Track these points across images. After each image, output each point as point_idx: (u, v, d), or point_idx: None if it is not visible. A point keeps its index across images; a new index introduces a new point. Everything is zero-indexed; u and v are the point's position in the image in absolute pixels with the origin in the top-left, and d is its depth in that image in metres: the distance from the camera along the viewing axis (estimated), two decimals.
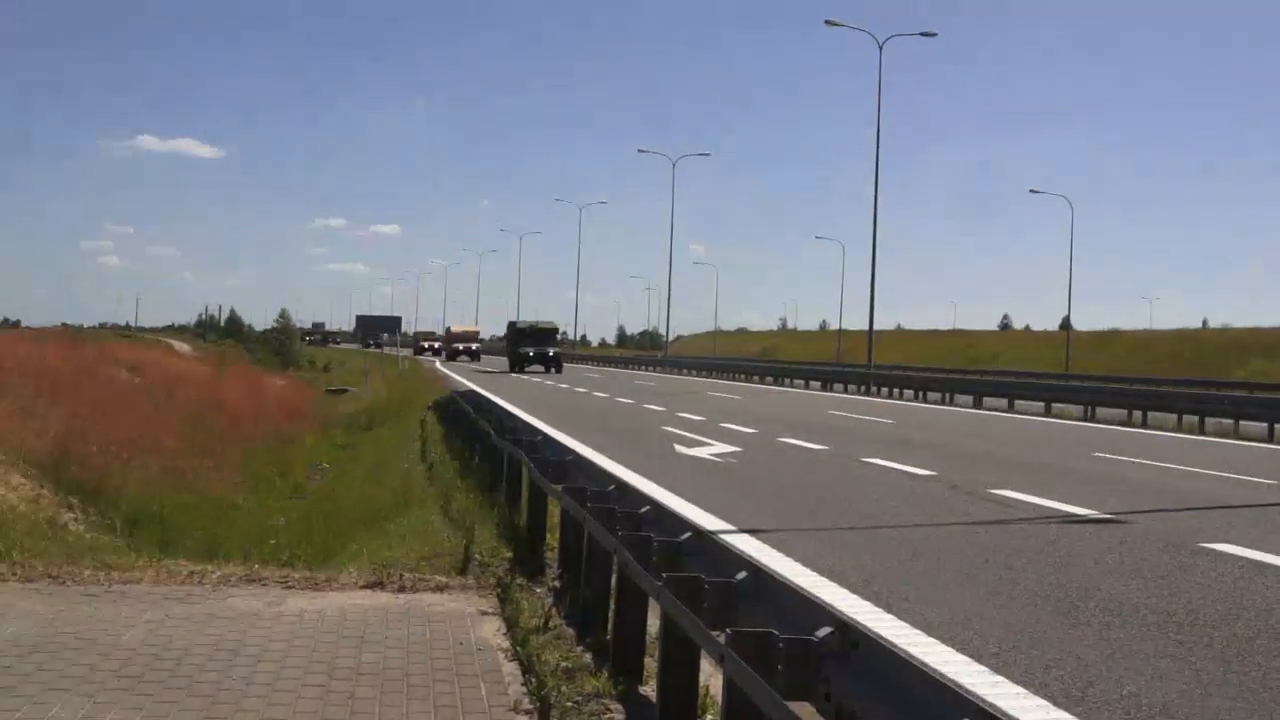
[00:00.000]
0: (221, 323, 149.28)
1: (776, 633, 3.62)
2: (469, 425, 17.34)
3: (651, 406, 28.45)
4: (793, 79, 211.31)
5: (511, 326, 60.62)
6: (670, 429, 20.72)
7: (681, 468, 14.51)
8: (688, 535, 5.50)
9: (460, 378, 46.01)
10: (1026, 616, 6.56)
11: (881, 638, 3.56)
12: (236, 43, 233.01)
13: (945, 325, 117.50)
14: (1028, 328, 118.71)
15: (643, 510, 6.39)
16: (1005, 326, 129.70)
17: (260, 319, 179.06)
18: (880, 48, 45.80)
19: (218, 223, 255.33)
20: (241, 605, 7.12)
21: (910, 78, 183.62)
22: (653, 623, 5.47)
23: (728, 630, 3.77)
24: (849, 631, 3.53)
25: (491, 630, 6.71)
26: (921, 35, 49.33)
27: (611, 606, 6.13)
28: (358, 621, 6.80)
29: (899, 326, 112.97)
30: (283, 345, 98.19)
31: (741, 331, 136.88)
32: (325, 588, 7.81)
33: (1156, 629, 6.34)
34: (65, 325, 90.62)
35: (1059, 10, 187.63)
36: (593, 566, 6.60)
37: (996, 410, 30.32)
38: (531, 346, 56.36)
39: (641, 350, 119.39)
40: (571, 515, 7.46)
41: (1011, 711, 4.60)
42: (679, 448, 17.06)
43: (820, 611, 3.80)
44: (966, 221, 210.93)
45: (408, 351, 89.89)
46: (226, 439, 26.21)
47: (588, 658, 6.01)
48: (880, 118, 45.62)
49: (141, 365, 37.67)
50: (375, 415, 34.69)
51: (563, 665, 5.81)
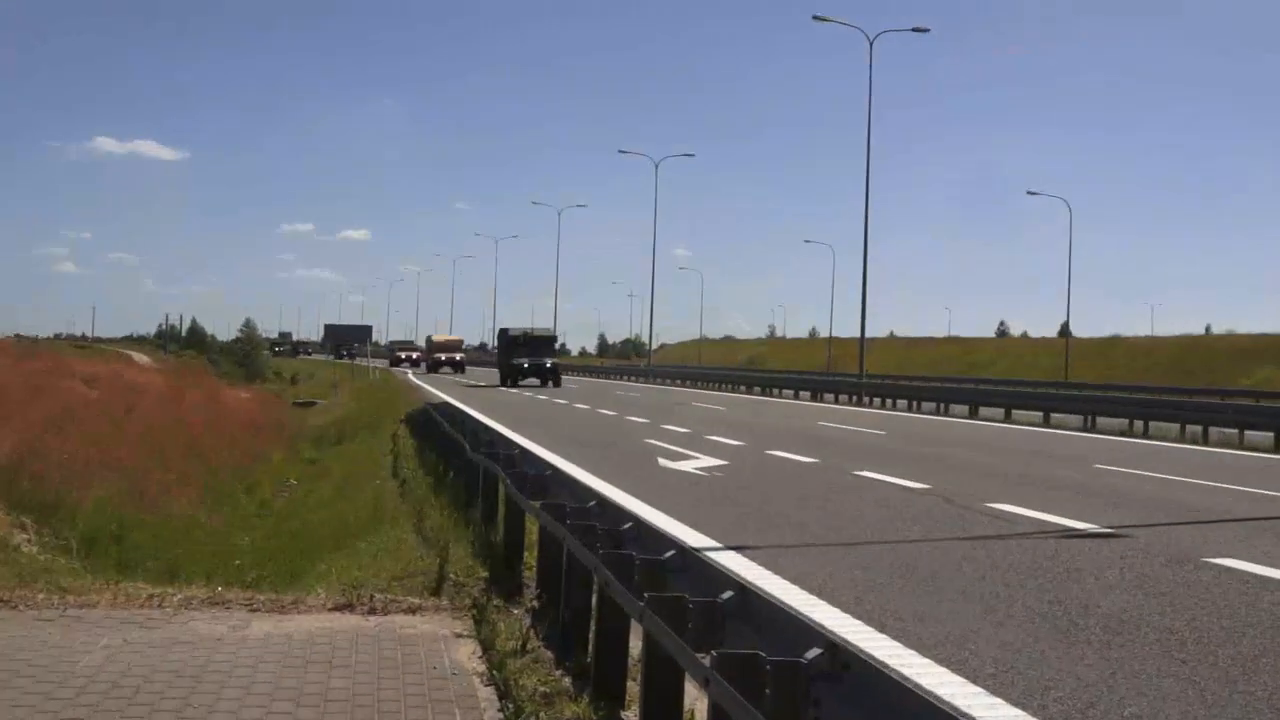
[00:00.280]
0: (183, 333, 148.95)
1: (764, 654, 3.62)
2: (443, 439, 17.30)
3: (634, 418, 28.44)
4: (781, 77, 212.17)
5: (503, 335, 56.32)
6: (654, 442, 20.72)
7: (665, 482, 14.50)
8: (671, 553, 5.50)
9: (439, 392, 45.85)
10: (1024, 635, 6.58)
11: (874, 659, 3.57)
12: (198, 39, 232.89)
13: (940, 332, 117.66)
14: (1025, 334, 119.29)
15: (624, 527, 6.38)
16: (1002, 333, 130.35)
17: (224, 329, 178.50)
18: (871, 43, 46.05)
19: (179, 228, 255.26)
20: (204, 629, 7.08)
21: (903, 75, 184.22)
22: (635, 644, 5.46)
23: (713, 652, 3.77)
24: (840, 652, 3.53)
25: (467, 653, 6.69)
26: (914, 30, 49.56)
27: (592, 628, 6.12)
28: (326, 645, 6.77)
29: (891, 334, 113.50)
30: (247, 356, 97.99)
31: (728, 339, 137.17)
32: (292, 610, 7.78)
33: (1159, 647, 6.36)
34: (18, 336, 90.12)
35: (1057, 6, 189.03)
36: (572, 586, 6.59)
37: (993, 421, 30.43)
38: (526, 357, 52.21)
39: (624, 360, 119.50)
40: (550, 533, 7.44)
41: None
42: (663, 461, 17.06)
43: (809, 632, 3.79)
44: (962, 224, 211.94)
45: (382, 363, 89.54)
46: (188, 455, 26.08)
47: (567, 681, 5.99)
48: (871, 117, 45.83)
49: (98, 378, 37.47)
50: (345, 429, 34.59)
51: (541, 689, 5.80)
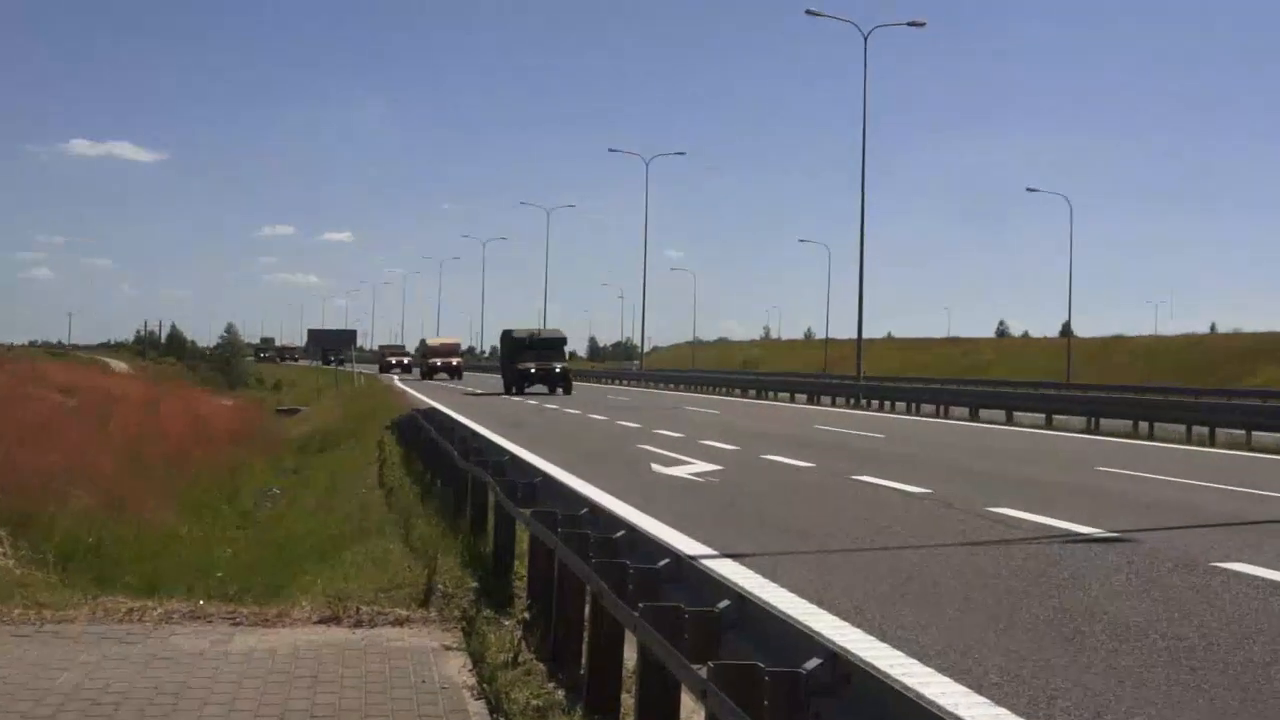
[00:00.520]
0: (162, 339, 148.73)
1: (762, 665, 3.61)
2: (430, 446, 17.28)
3: (626, 423, 28.43)
4: (774, 73, 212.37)
5: (506, 337, 51.83)
6: (646, 447, 20.71)
7: (659, 489, 14.50)
8: (666, 561, 5.49)
9: (427, 398, 45.77)
10: (1029, 643, 6.58)
11: (875, 669, 3.56)
12: (175, 37, 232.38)
13: (939, 333, 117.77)
14: (1026, 335, 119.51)
15: (618, 535, 6.38)
16: (1002, 333, 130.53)
17: (204, 335, 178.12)
18: (865, 38, 46.08)
19: (157, 232, 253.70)
20: (185, 644, 7.05)
21: (899, 71, 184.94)
22: (629, 656, 5.45)
23: (710, 664, 3.76)
24: (840, 663, 3.52)
25: (456, 666, 6.67)
26: (909, 25, 49.64)
27: (585, 639, 6.10)
28: (311, 659, 6.75)
29: (889, 335, 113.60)
30: (229, 363, 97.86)
31: (722, 342, 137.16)
32: (276, 623, 7.76)
33: (1168, 655, 6.36)
34: None
35: None
36: (564, 596, 6.58)
37: (994, 423, 30.47)
38: (533, 361, 48.17)
39: (615, 363, 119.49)
40: (541, 541, 7.43)
41: None
42: (656, 467, 17.05)
43: (809, 642, 3.79)
44: (960, 223, 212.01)
45: (370, 369, 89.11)
46: (168, 464, 26.02)
47: (560, 695, 5.98)
48: (867, 113, 45.88)
49: (75, 386, 37.39)
50: (329, 437, 34.53)
51: (533, 703, 5.78)
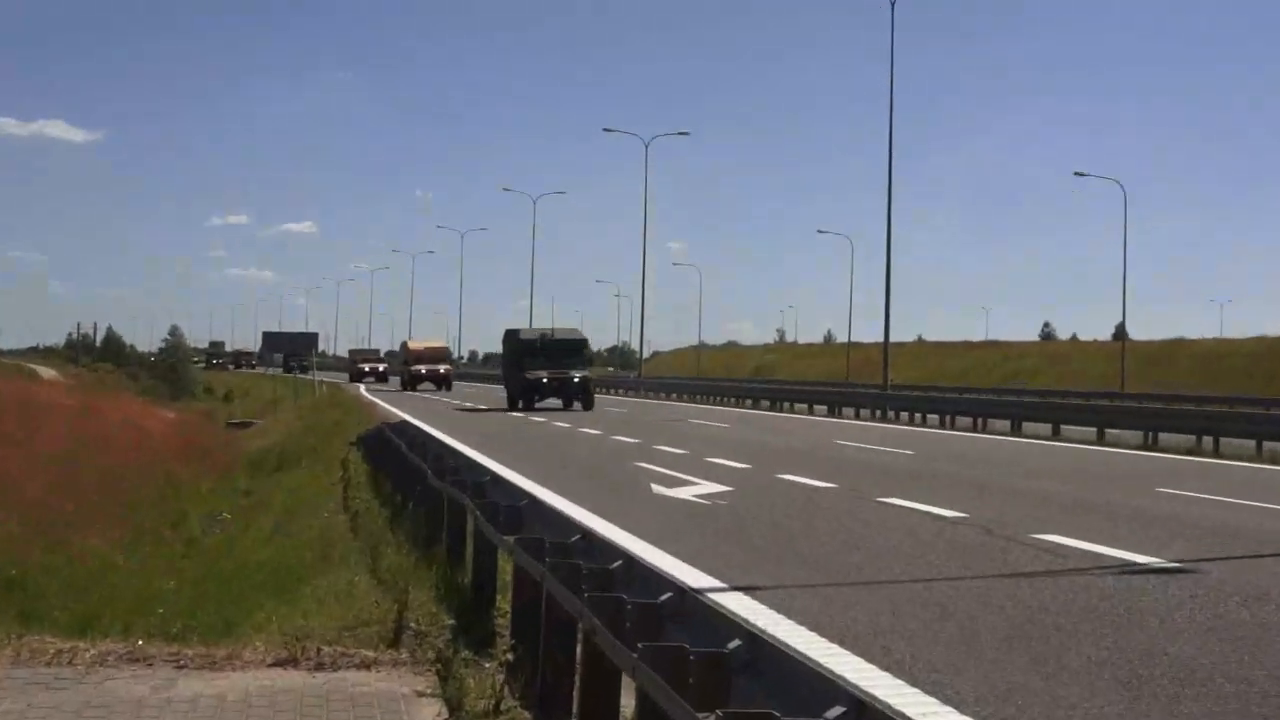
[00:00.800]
0: (98, 343, 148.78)
1: (778, 714, 3.60)
2: (401, 464, 17.28)
3: (623, 438, 28.44)
4: (789, 46, 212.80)
5: (512, 338, 46.88)
6: (646, 465, 20.71)
7: (660, 513, 14.49)
8: (669, 595, 5.48)
9: (404, 412, 45.71)
10: (1079, 689, 6.57)
11: (904, 718, 3.55)
12: (114, 4, 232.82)
13: (976, 335, 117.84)
14: (1074, 337, 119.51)
15: (614, 565, 6.37)
16: (1048, 336, 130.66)
17: (146, 338, 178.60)
18: (892, 4, 46.21)
19: (92, 222, 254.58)
20: (122, 690, 7.04)
21: (929, 42, 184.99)
22: (627, 703, 5.44)
23: (718, 712, 3.75)
24: (866, 711, 3.51)
25: (430, 715, 6.67)
26: None
27: (577, 684, 6.09)
28: (265, 707, 6.74)
29: (920, 338, 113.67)
30: (173, 370, 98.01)
31: (731, 346, 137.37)
32: (225, 666, 7.75)
33: (1237, 702, 6.36)
34: None
35: None
36: (553, 635, 6.57)
37: (1039, 438, 30.48)
38: (546, 369, 43.10)
39: (611, 369, 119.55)
40: (527, 572, 7.43)
41: None
42: (657, 488, 17.05)
43: (830, 686, 3.78)
44: (1000, 211, 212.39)
45: (335, 378, 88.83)
46: (103, 486, 26.01)
47: None
48: (894, 88, 46.02)
49: None
50: (287, 454, 34.54)
51: None
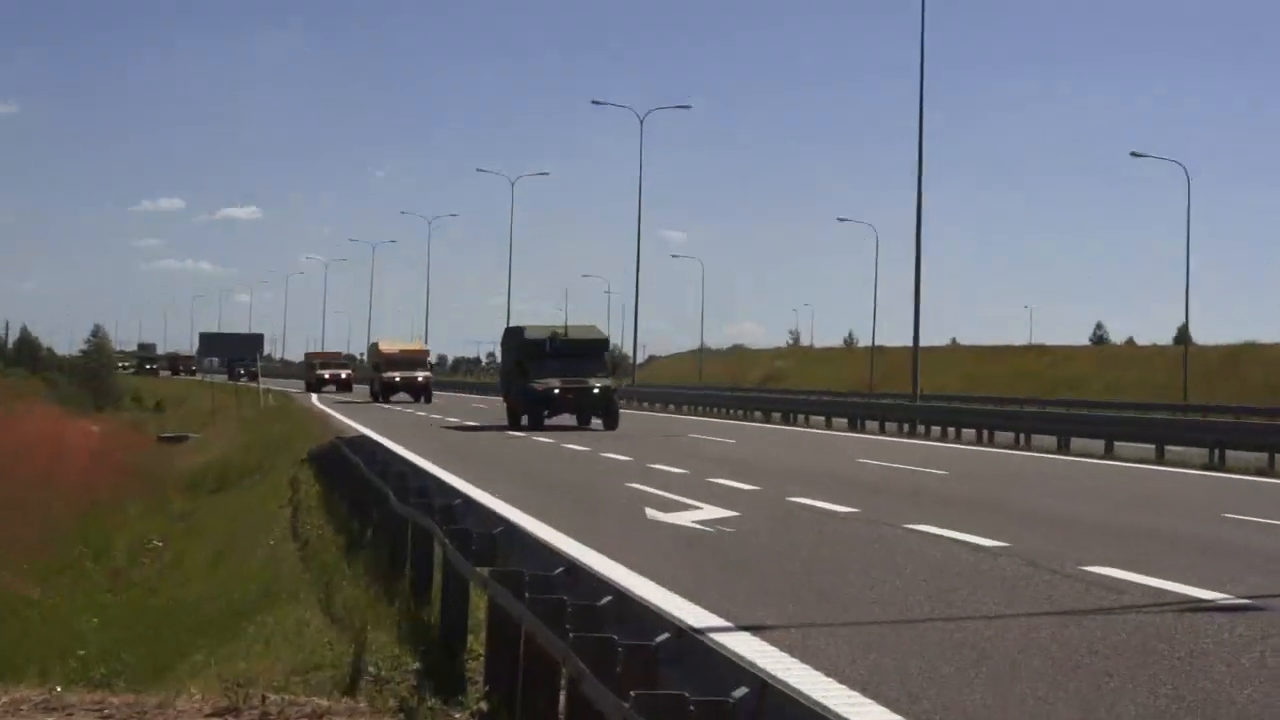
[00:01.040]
0: (10, 345, 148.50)
1: None
2: (359, 484, 17.27)
3: (613, 455, 28.43)
4: (803, 6, 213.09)
5: (515, 338, 43.63)
6: (639, 487, 20.70)
7: (655, 541, 14.48)
8: (665, 636, 5.49)
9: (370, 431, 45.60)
10: None
11: None
12: None
13: (1018, 339, 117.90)
14: (1130, 341, 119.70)
15: (603, 602, 6.37)
16: (1100, 340, 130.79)
17: (65, 339, 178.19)
18: None
19: (3, 207, 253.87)
20: None
21: (965, 3, 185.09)
22: None
23: None
24: None
25: None
26: None
27: None
28: None
29: (954, 342, 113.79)
30: (97, 376, 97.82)
31: (737, 350, 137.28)
32: (157, 716, 7.75)
33: None
34: None
35: None
36: (533, 681, 6.57)
37: (1090, 456, 30.49)
38: (559, 377, 39.63)
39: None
40: (504, 609, 7.43)
41: None
42: (651, 513, 17.05)
43: None
44: (1045, 198, 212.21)
45: (286, 386, 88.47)
46: (15, 509, 25.96)
47: None
48: (925, 57, 45.93)
49: None
50: (228, 472, 34.52)
51: None
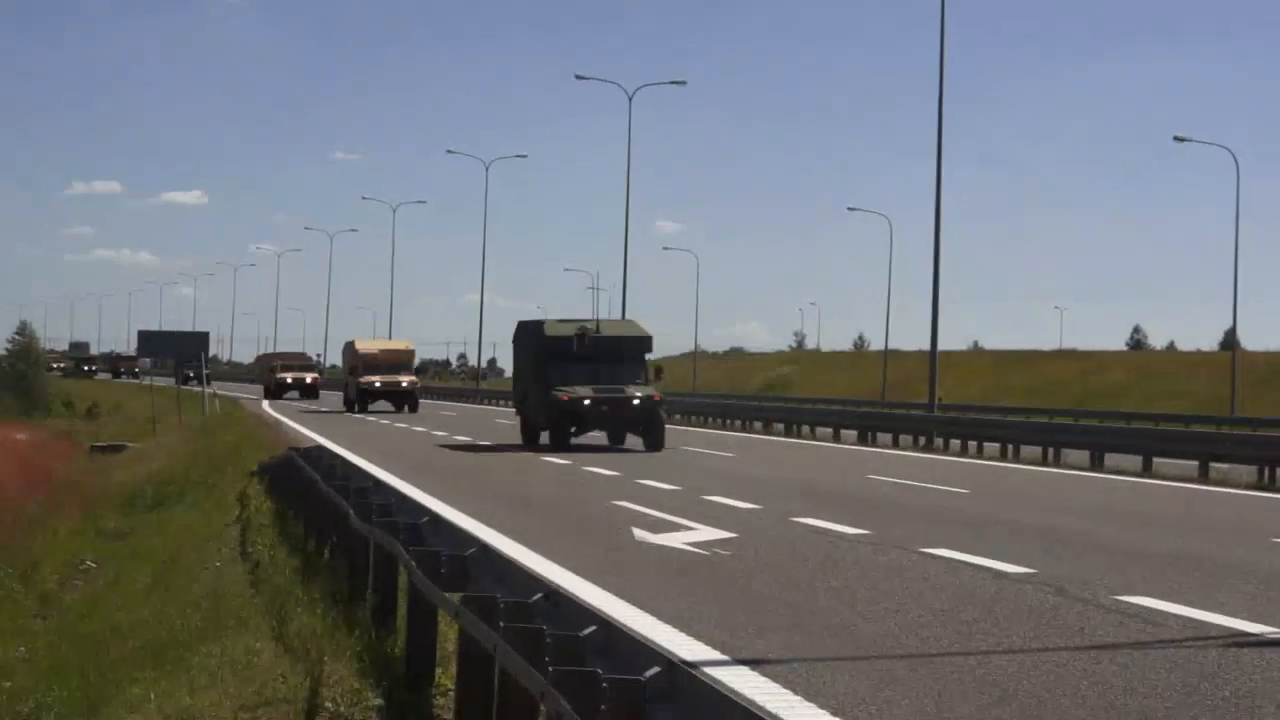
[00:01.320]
0: None
1: None
2: (315, 500, 17.27)
3: (597, 469, 28.45)
4: None
5: (531, 335, 39.69)
6: (626, 504, 20.72)
7: (644, 565, 14.50)
8: (655, 670, 5.50)
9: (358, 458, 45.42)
10: None
11: None
12: None
13: (1048, 343, 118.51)
14: (1172, 346, 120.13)
15: (586, 632, 6.38)
16: (1138, 344, 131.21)
17: None
18: None
19: None
20: None
21: None
22: None
23: None
24: None
25: None
26: None
27: None
28: None
29: (977, 345, 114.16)
30: (23, 378, 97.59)
31: (736, 353, 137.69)
32: None
33: None
34: None
35: None
36: (509, 719, 6.57)
37: (1126, 473, 30.53)
38: (590, 384, 36.06)
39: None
40: (475, 640, 7.44)
41: None
42: (641, 534, 17.07)
43: None
44: (1077, 187, 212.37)
45: (239, 392, 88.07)
46: None
47: None
48: (945, 30, 45.90)
49: None
50: (169, 486, 34.45)
51: None
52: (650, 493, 22.80)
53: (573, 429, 36.45)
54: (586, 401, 35.82)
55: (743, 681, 8.47)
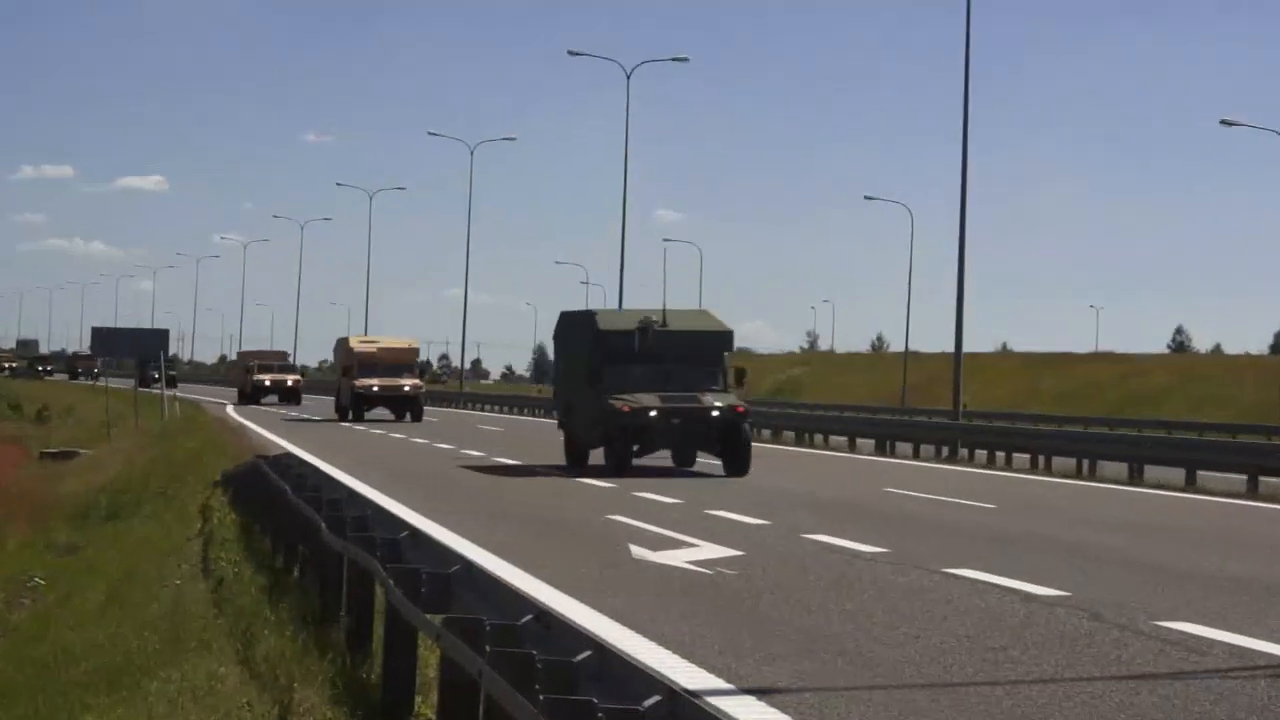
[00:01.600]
0: None
1: None
2: (284, 512, 17.26)
3: (591, 481, 28.45)
4: None
5: (579, 327, 35.14)
6: (623, 519, 20.73)
7: (643, 584, 14.51)
8: (655, 700, 5.51)
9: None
10: None
11: None
12: None
13: (1082, 345, 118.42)
14: (1218, 349, 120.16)
15: (580, 657, 6.39)
16: (1180, 347, 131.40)
17: None
18: None
19: None
20: None
21: None
22: None
23: None
24: None
25: None
26: None
27: None
28: None
29: (1005, 347, 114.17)
30: None
31: (742, 354, 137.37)
32: None
33: None
34: None
35: None
36: None
37: (1167, 487, 30.53)
38: (658, 393, 31.58)
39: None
40: (459, 665, 7.44)
41: None
42: (639, 551, 17.07)
43: None
44: (1114, 175, 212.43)
45: (205, 395, 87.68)
46: None
47: None
48: (972, 6, 45.85)
49: None
50: (125, 496, 34.46)
51: None
52: (649, 506, 22.80)
53: (636, 448, 31.98)
54: (653, 413, 31.29)
55: (749, 712, 8.49)
